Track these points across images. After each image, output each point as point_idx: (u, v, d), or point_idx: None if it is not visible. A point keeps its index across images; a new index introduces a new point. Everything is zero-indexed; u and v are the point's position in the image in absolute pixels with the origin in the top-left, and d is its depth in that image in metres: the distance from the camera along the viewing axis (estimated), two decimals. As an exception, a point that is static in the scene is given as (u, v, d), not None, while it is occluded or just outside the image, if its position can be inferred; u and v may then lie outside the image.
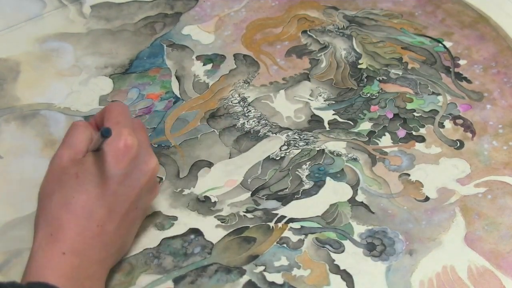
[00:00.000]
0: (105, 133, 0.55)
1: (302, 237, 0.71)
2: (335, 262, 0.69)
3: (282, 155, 0.79)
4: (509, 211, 0.73)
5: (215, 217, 0.73)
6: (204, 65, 0.90)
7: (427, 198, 0.74)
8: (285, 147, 0.80)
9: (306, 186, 0.76)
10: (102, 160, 0.59)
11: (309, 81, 0.88)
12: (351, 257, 0.69)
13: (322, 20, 0.97)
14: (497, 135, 0.80)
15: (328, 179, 0.76)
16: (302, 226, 0.72)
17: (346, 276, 0.67)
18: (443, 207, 0.74)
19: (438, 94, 0.86)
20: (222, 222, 0.72)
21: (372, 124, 0.82)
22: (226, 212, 0.73)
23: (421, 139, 0.80)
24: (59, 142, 0.78)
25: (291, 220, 0.72)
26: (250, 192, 0.75)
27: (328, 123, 0.82)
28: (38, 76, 0.88)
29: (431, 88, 0.86)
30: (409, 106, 0.84)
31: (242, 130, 0.82)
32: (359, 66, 0.90)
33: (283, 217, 0.73)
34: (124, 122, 0.62)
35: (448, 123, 0.82)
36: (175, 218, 0.73)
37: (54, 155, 0.63)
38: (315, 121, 0.83)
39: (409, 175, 0.77)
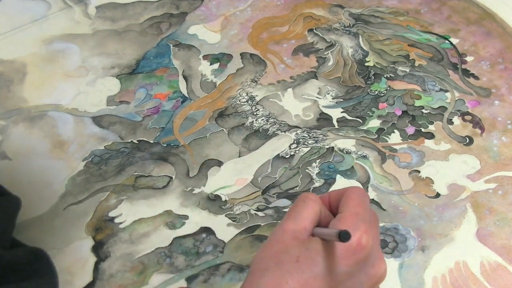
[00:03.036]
0: (344, 238, 0.48)
1: (314, 234, 0.71)
2: (347, 259, 0.68)
3: (292, 153, 0.79)
4: (520, 206, 0.73)
5: (226, 215, 0.73)
6: (211, 64, 0.90)
7: (437, 195, 0.75)
8: (295, 145, 0.80)
9: (317, 184, 0.76)
10: (329, 251, 0.51)
11: (317, 79, 0.88)
12: (364, 254, 0.69)
13: (328, 18, 0.97)
14: (506, 131, 0.81)
15: (338, 176, 0.76)
16: (313, 224, 0.72)
17: (359, 273, 0.67)
18: (454, 203, 0.74)
19: (446, 91, 0.86)
20: (233, 221, 0.72)
21: (380, 121, 0.82)
22: (238, 210, 0.73)
23: (430, 135, 0.81)
24: (67, 143, 0.79)
25: (303, 218, 0.72)
26: (261, 191, 0.75)
27: (337, 121, 0.82)
28: (45, 77, 0.88)
29: (439, 85, 0.86)
30: (418, 103, 0.84)
31: (251, 128, 0.82)
32: (366, 64, 0.90)
33: (294, 215, 0.73)
34: (363, 215, 0.54)
35: (456, 120, 0.82)
36: (186, 217, 0.73)
37: (278, 226, 0.55)
38: (323, 119, 0.83)
39: (419, 171, 0.77)
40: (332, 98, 0.85)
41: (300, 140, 0.80)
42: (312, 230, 0.54)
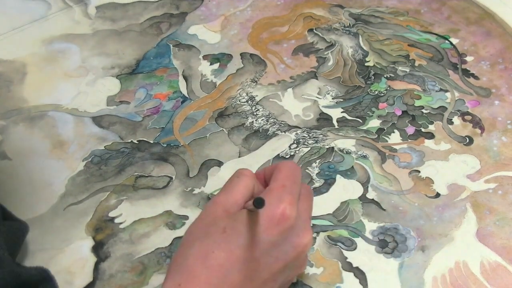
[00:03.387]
0: (258, 204, 0.49)
1: (314, 235, 0.71)
2: (347, 260, 0.69)
3: (292, 153, 0.79)
4: (520, 206, 0.73)
5: (226, 216, 0.73)
6: (211, 64, 0.90)
7: (437, 195, 0.74)
8: (295, 145, 0.80)
9: (317, 184, 0.76)
10: (254, 221, 0.53)
11: (317, 79, 0.88)
12: (364, 255, 0.69)
13: (328, 18, 0.97)
14: (506, 131, 0.81)
15: (338, 176, 0.76)
16: (313, 224, 0.72)
17: (359, 274, 0.67)
18: (454, 203, 0.74)
19: (446, 91, 0.86)
20: (233, 221, 0.72)
21: (380, 121, 0.82)
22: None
23: (430, 135, 0.81)
24: (67, 143, 0.79)
25: (303, 218, 0.72)
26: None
27: (337, 121, 0.82)
28: (45, 77, 0.88)
29: (439, 85, 0.86)
30: (417, 103, 0.84)
31: (251, 129, 0.82)
32: (366, 64, 0.90)
33: (294, 215, 0.73)
34: (290, 187, 0.56)
35: (456, 120, 0.82)
36: (186, 217, 0.73)
37: (212, 200, 0.58)
38: (323, 119, 0.83)
39: (419, 171, 0.77)
40: (332, 98, 0.85)
41: (300, 140, 0.80)
42: (243, 204, 0.57)
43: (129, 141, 0.80)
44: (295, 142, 0.80)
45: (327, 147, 0.79)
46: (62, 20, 0.97)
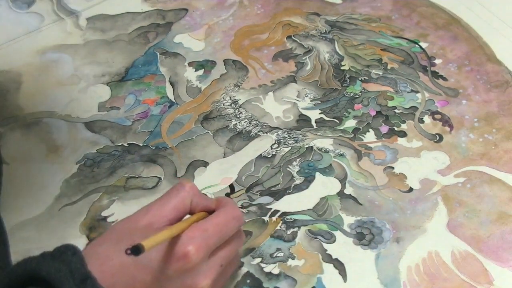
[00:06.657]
0: (134, 251, 0.47)
1: (296, 229, 0.71)
2: (327, 252, 0.69)
3: (273, 153, 0.79)
4: (487, 198, 0.73)
5: (212, 213, 0.72)
6: (196, 70, 0.90)
7: (410, 189, 0.75)
8: (276, 145, 0.80)
9: (297, 182, 0.76)
10: (160, 248, 0.52)
11: (296, 83, 0.88)
12: (342, 247, 0.69)
13: (305, 25, 0.97)
14: (473, 128, 0.81)
15: (317, 174, 0.76)
16: (295, 219, 0.72)
17: (338, 265, 0.68)
18: (426, 197, 0.74)
19: (417, 92, 0.86)
20: (219, 218, 0.72)
21: (356, 121, 0.82)
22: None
23: (403, 134, 0.81)
24: (62, 148, 0.79)
25: (285, 214, 0.72)
26: (245, 189, 0.75)
27: (315, 122, 0.82)
28: (39, 86, 0.88)
29: (410, 86, 0.87)
30: (390, 103, 0.85)
31: (235, 130, 0.82)
32: (342, 68, 0.90)
33: (276, 211, 0.73)
34: (211, 234, 0.54)
35: (427, 118, 0.83)
36: (175, 215, 0.72)
37: (146, 206, 0.56)
38: (303, 120, 0.83)
39: (393, 168, 0.77)
40: (311, 101, 0.85)
41: (281, 140, 0.80)
42: (174, 220, 0.55)
43: (120, 144, 0.80)
44: (276, 142, 0.80)
45: (307, 146, 0.79)
46: (55, 31, 0.97)
